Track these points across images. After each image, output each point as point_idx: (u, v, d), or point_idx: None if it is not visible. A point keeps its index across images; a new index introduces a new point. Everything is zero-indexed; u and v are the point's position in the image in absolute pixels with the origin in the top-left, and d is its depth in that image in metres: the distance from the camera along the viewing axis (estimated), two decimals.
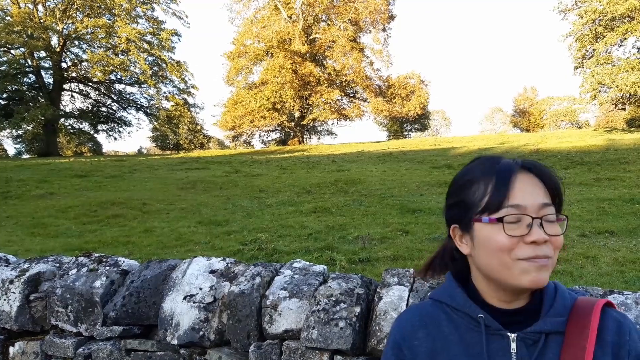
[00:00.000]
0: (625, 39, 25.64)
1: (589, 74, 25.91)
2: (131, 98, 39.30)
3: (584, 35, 26.27)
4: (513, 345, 0.95)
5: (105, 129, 40.53)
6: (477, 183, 0.97)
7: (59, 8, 33.89)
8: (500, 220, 0.91)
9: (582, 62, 27.17)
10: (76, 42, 36.03)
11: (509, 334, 0.95)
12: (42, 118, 32.62)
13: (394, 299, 1.98)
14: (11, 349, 2.60)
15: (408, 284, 2.07)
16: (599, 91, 25.84)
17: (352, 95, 44.83)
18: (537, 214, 0.91)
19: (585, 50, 26.83)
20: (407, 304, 1.96)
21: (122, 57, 35.34)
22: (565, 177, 12.14)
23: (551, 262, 0.92)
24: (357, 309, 1.99)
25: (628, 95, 25.48)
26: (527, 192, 0.93)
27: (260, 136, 47.34)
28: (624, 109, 33.20)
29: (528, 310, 0.97)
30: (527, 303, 0.98)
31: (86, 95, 39.15)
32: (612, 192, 9.33)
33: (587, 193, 9.51)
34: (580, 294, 1.04)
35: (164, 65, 36.83)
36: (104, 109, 40.31)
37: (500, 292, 0.97)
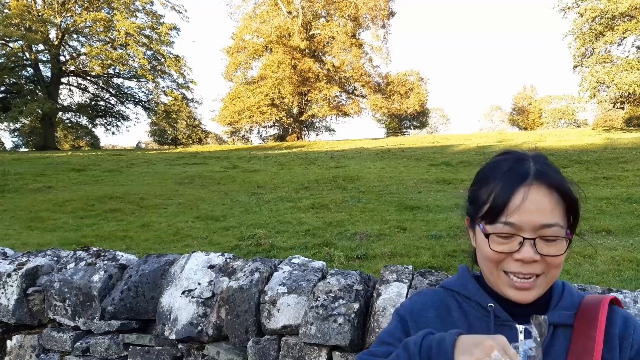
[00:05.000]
0: (625, 37, 25.66)
1: (588, 72, 25.93)
2: (129, 92, 39.18)
3: (584, 34, 26.25)
4: (521, 337, 0.96)
5: (103, 123, 40.48)
6: (489, 184, 0.96)
7: (58, 1, 33.69)
8: (487, 236, 0.93)
9: (582, 61, 27.17)
10: (74, 36, 35.85)
11: (517, 325, 0.96)
12: (40, 111, 32.50)
13: (393, 296, 1.98)
14: (9, 343, 2.59)
15: (407, 281, 2.07)
16: (598, 90, 25.87)
17: (350, 91, 44.75)
18: (534, 234, 0.90)
19: (585, 48, 26.82)
20: None
21: (120, 51, 35.19)
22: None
23: (543, 280, 0.93)
24: (356, 305, 1.99)
25: (627, 95, 25.51)
26: (528, 209, 0.90)
27: (258, 132, 47.41)
28: (623, 108, 33.23)
29: (537, 304, 0.98)
30: None
31: (84, 89, 39.00)
32: (609, 191, 9.35)
33: (585, 192, 9.48)
34: (587, 293, 1.07)
35: (163, 59, 36.67)
36: (102, 103, 40.17)
37: None
